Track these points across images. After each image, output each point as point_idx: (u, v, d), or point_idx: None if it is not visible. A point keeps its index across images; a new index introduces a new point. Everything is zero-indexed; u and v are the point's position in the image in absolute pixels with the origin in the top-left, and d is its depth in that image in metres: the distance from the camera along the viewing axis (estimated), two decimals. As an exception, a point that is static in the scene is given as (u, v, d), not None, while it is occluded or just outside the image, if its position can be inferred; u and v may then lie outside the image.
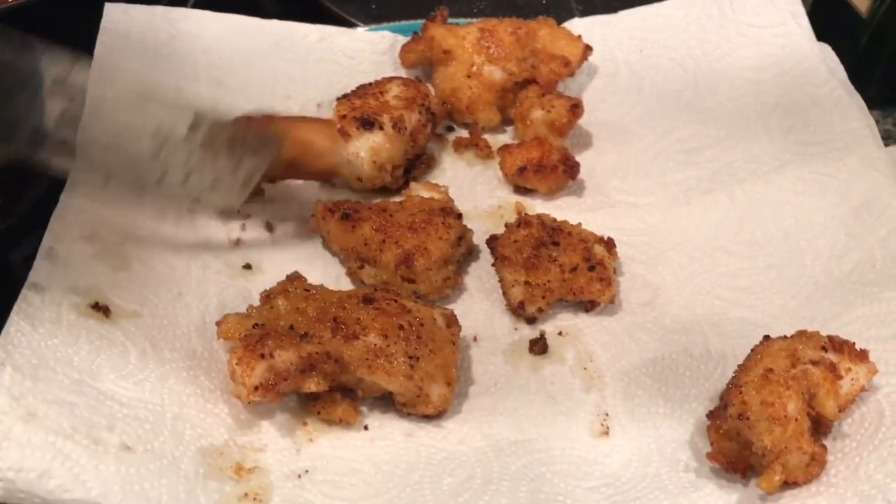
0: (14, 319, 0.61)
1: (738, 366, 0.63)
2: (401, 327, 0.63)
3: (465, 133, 0.86)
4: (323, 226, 0.73)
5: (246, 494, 0.58)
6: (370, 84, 0.83)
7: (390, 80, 0.84)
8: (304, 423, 0.64)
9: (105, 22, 0.82)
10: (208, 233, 0.75)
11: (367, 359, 0.62)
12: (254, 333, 0.62)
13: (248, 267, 0.74)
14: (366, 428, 0.64)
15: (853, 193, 0.76)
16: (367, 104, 0.80)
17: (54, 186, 0.72)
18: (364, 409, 0.65)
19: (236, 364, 0.60)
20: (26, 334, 0.61)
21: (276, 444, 0.62)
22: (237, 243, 0.76)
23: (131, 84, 0.81)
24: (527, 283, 0.70)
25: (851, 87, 0.84)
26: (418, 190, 0.76)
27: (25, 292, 0.64)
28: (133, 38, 0.83)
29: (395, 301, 0.65)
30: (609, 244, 0.73)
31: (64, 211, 0.70)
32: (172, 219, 0.73)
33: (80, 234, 0.70)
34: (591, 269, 0.70)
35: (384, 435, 0.64)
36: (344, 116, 0.79)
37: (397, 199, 0.77)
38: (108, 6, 0.83)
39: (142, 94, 0.82)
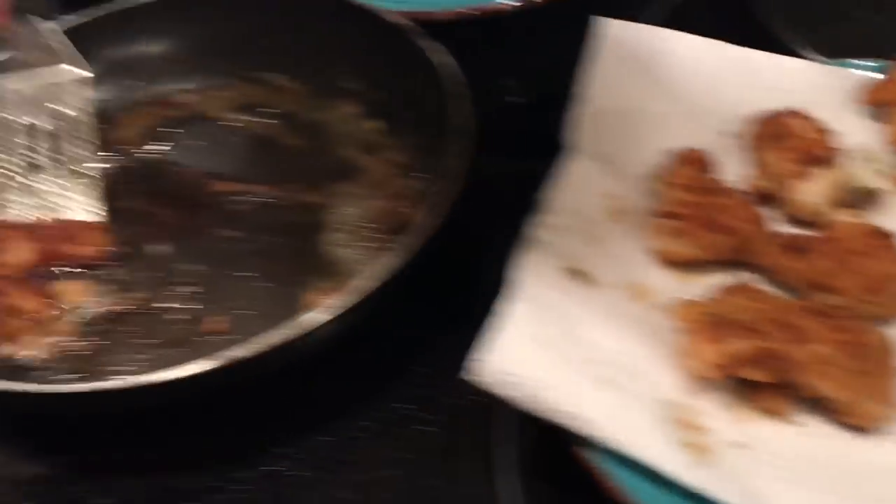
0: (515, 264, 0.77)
1: None
2: (850, 343, 0.70)
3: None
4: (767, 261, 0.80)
5: (697, 445, 0.68)
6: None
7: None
8: (737, 406, 0.73)
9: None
10: None
11: (816, 363, 0.69)
12: (714, 320, 0.73)
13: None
14: (793, 423, 0.72)
15: None
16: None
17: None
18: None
19: (700, 342, 0.71)
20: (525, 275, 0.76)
21: (715, 414, 0.72)
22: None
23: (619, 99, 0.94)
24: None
25: None
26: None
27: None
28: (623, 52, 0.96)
29: (848, 318, 0.71)
30: None
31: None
32: None
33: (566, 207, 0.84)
34: None
35: (811, 433, 0.71)
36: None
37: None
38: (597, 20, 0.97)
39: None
